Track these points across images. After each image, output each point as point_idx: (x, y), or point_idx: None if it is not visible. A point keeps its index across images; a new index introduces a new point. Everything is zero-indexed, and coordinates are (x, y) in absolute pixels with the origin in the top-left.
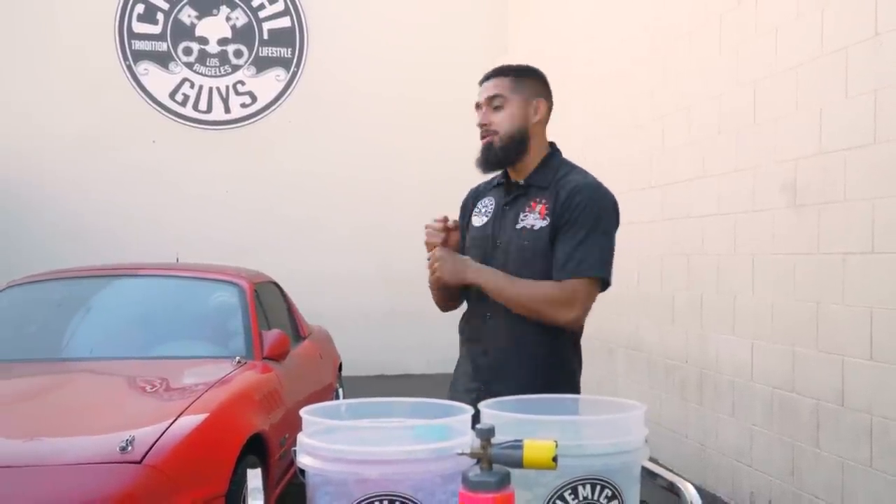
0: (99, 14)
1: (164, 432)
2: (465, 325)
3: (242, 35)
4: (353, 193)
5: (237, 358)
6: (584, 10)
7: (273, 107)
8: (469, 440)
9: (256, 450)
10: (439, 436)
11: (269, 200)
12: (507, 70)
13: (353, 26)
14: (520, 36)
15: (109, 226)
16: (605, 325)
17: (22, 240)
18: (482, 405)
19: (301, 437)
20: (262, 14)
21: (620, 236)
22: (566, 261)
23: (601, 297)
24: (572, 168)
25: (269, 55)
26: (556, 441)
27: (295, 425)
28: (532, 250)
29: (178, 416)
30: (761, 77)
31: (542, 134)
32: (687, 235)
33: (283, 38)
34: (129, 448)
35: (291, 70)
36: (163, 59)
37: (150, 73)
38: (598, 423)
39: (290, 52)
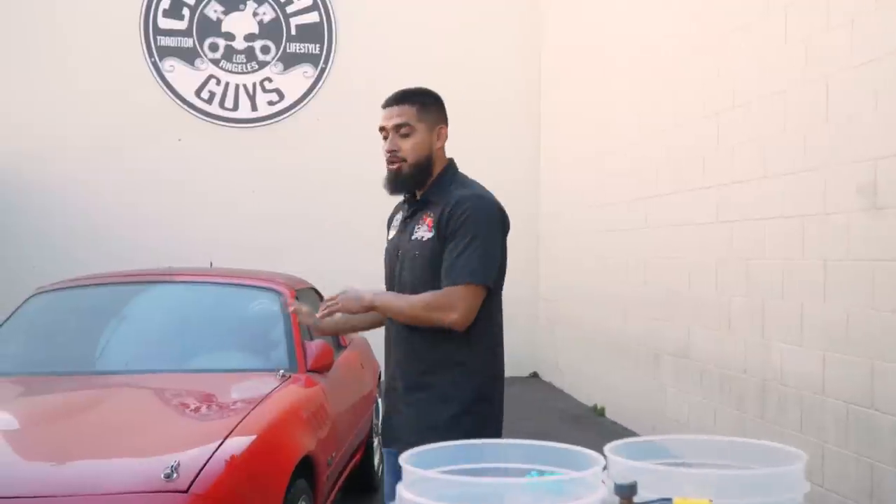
0: (124, 9)
1: (210, 457)
2: (385, 334)
3: (270, 31)
4: (383, 193)
5: (280, 371)
6: (626, 4)
7: (301, 104)
8: (602, 496)
9: (304, 472)
10: (558, 490)
11: (297, 200)
12: (413, 98)
13: (383, 21)
14: (554, 33)
15: (133, 227)
16: (650, 329)
17: (44, 243)
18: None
19: (401, 490)
20: (289, 9)
21: (667, 237)
22: (448, 270)
23: (646, 301)
24: (462, 183)
25: (297, 51)
26: (710, 501)
27: (341, 442)
28: (421, 259)
29: (225, 438)
30: (834, 71)
31: (443, 156)
32: (745, 238)
33: (311, 33)
34: (174, 475)
35: (320, 66)
36: (188, 56)
37: (176, 70)
38: (754, 477)
39: (318, 48)
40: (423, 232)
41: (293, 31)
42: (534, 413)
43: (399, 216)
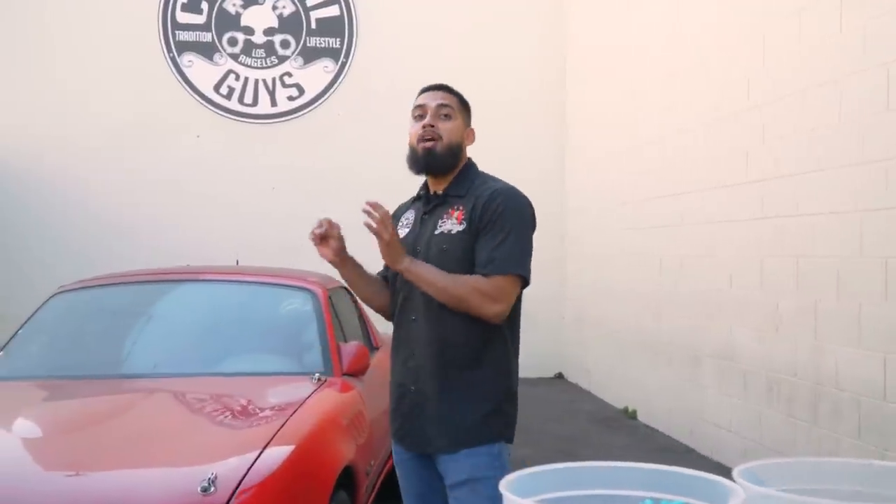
0: (142, 3)
1: (249, 468)
2: (395, 330)
3: (289, 24)
4: (405, 190)
5: (316, 375)
6: None
7: (321, 99)
8: None
9: (344, 482)
10: None
11: (317, 197)
12: (455, 92)
13: (404, 14)
14: (579, 29)
15: (152, 223)
16: (686, 329)
17: (62, 239)
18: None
19: None
20: (309, 2)
21: (705, 234)
22: (489, 259)
23: (682, 300)
24: (488, 177)
25: (317, 45)
26: None
27: (377, 449)
28: (450, 253)
29: (264, 448)
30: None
31: (466, 156)
32: (795, 235)
33: (331, 27)
34: (212, 489)
35: (340, 61)
36: (207, 51)
37: (195, 65)
38: None
39: (338, 42)
40: (452, 225)
41: (313, 25)
42: (561, 415)
43: (410, 214)
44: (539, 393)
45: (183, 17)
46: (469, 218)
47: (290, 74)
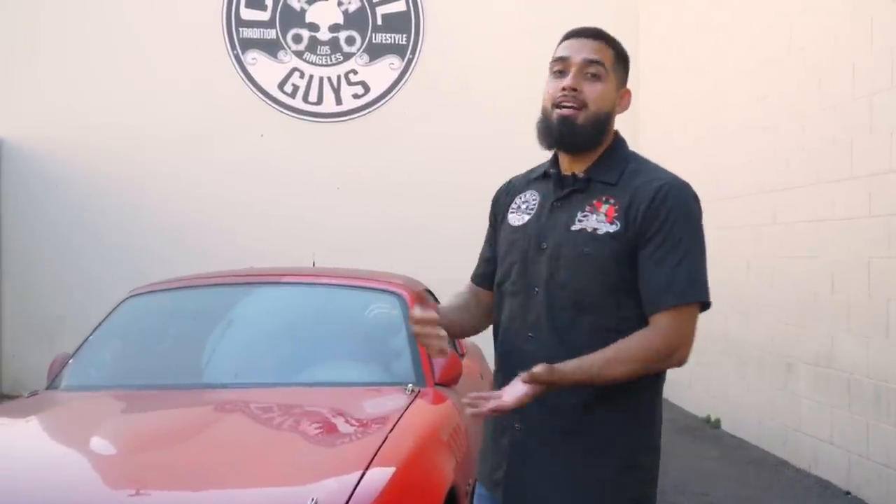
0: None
1: (353, 490)
2: (500, 346)
3: (355, 21)
4: (470, 191)
5: (409, 385)
6: None
7: (387, 97)
8: None
9: None
10: None
11: (383, 198)
12: (611, 40)
13: (473, 9)
14: (652, 21)
15: (214, 225)
16: (779, 335)
17: (125, 242)
18: None
19: None
20: None
21: (801, 234)
22: (667, 285)
23: (774, 304)
24: (645, 162)
25: (383, 42)
26: None
27: (473, 466)
28: (592, 259)
29: (366, 468)
30: None
31: (612, 128)
32: None
33: (397, 23)
34: None
35: (406, 57)
36: (272, 48)
37: (259, 63)
38: None
39: (405, 39)
40: (599, 223)
41: (379, 21)
42: None
43: (531, 196)
44: None
45: (247, 14)
46: (625, 217)
47: (355, 72)
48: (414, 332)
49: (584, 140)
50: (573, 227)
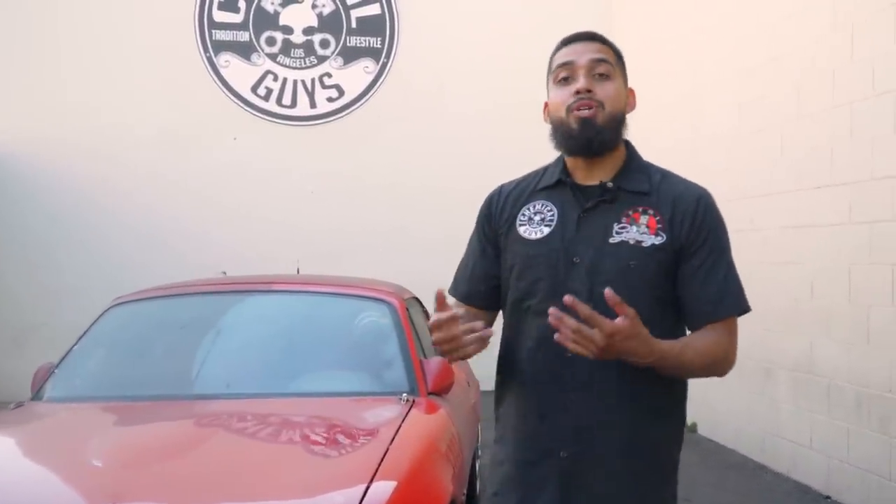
0: (179, 1)
1: None
2: (532, 372)
3: (329, 24)
4: (447, 195)
5: (403, 395)
6: None
7: (362, 101)
8: None
9: None
10: None
11: (359, 201)
12: (609, 42)
13: (448, 13)
14: (628, 24)
15: (189, 228)
16: (758, 341)
17: (100, 247)
18: None
19: None
20: (350, 1)
21: (780, 240)
22: (719, 297)
23: (755, 311)
24: (659, 167)
25: (358, 45)
26: None
27: (466, 475)
28: (639, 272)
29: (369, 483)
30: None
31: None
32: (890, 242)
33: (372, 26)
34: None
35: (381, 61)
36: (245, 51)
37: (232, 66)
38: None
39: (379, 42)
40: (642, 235)
41: (353, 24)
42: None
43: (546, 207)
44: None
45: (220, 16)
46: (670, 229)
47: (329, 75)
48: (435, 340)
49: (608, 140)
50: (612, 240)
